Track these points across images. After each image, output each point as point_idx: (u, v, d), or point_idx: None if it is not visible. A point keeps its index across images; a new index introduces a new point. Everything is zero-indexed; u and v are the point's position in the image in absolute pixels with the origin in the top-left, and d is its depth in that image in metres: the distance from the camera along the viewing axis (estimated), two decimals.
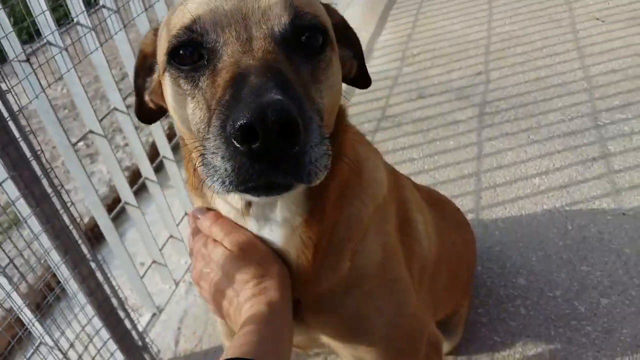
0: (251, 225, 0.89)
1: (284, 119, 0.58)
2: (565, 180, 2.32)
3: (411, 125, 2.85)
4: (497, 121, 2.76)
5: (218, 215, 0.91)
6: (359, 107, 3.04)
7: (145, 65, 0.94)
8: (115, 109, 1.72)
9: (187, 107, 0.76)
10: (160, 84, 0.87)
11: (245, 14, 0.73)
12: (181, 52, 0.75)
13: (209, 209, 0.94)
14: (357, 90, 3.16)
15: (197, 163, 0.68)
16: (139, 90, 0.97)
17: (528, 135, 2.63)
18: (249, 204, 0.86)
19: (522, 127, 2.69)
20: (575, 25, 3.51)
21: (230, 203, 0.89)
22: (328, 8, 0.90)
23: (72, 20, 1.52)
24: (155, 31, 0.91)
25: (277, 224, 0.86)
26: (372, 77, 1.03)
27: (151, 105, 0.97)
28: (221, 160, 0.62)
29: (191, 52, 0.75)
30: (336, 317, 0.98)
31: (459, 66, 3.30)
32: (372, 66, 3.45)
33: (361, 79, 1.01)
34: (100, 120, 1.62)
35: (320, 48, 0.77)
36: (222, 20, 0.73)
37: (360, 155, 0.99)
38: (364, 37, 3.82)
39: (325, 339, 1.04)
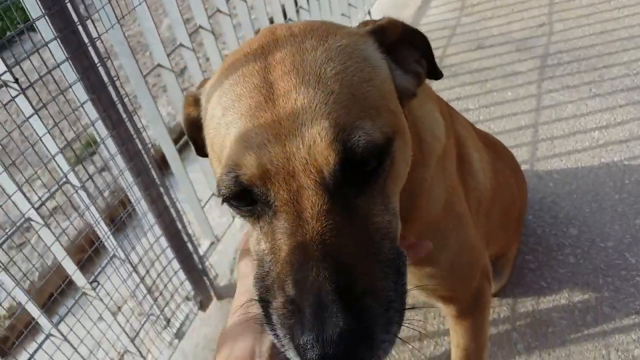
0: None
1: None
2: (626, 134, 2.27)
3: (468, 76, 2.82)
4: (559, 74, 2.69)
5: None
6: None
7: (193, 125, 0.90)
8: (181, 44, 1.79)
9: (251, 231, 0.77)
10: None
11: (290, 155, 0.66)
12: (232, 196, 0.72)
13: None
14: None
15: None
16: (195, 141, 0.94)
17: (590, 88, 2.56)
18: None
19: (584, 80, 2.61)
20: None
21: None
22: (384, 29, 0.81)
23: None
24: (194, 100, 0.88)
25: None
26: (430, 27, 1.00)
27: None
28: (293, 354, 0.64)
29: (244, 196, 0.71)
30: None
31: (521, 17, 3.20)
32: (430, 16, 3.39)
33: (431, 74, 0.91)
34: (169, 55, 1.70)
35: (377, 165, 0.70)
36: (269, 169, 0.67)
37: (418, 114, 0.97)
38: None
39: None
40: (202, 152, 0.96)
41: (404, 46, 0.84)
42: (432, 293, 1.16)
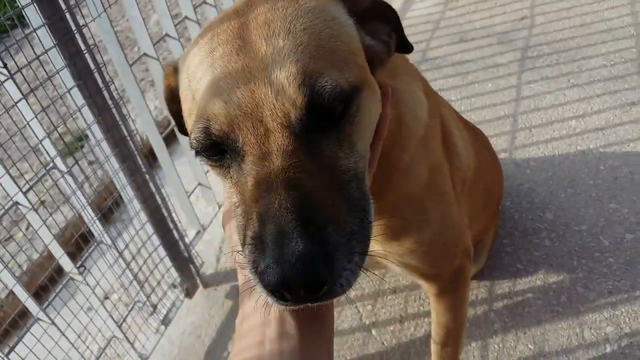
0: None
1: (308, 282, 0.61)
2: (602, 123, 2.33)
3: (451, 68, 2.87)
4: (538, 65, 2.76)
5: None
6: None
7: (173, 96, 0.92)
8: (167, 35, 1.83)
9: (224, 184, 0.79)
10: None
11: (257, 100, 0.69)
12: (203, 149, 0.75)
13: None
14: None
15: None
16: (175, 116, 0.97)
17: (568, 79, 2.62)
18: None
19: (563, 72, 2.68)
20: None
21: None
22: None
23: None
24: (173, 69, 0.90)
25: None
26: (415, 20, 1.03)
27: None
28: (259, 286, 0.66)
29: (214, 147, 0.74)
30: (386, 232, 1.05)
31: (503, 11, 3.26)
32: (415, 10, 3.45)
33: (402, 47, 0.94)
34: (155, 44, 1.73)
35: (344, 110, 0.73)
36: (238, 117, 0.70)
37: (400, 93, 0.99)
38: None
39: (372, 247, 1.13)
40: (183, 128, 0.98)
41: (375, 19, 0.87)
42: (414, 270, 1.19)
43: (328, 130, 0.72)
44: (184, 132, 0.99)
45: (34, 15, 1.26)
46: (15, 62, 1.28)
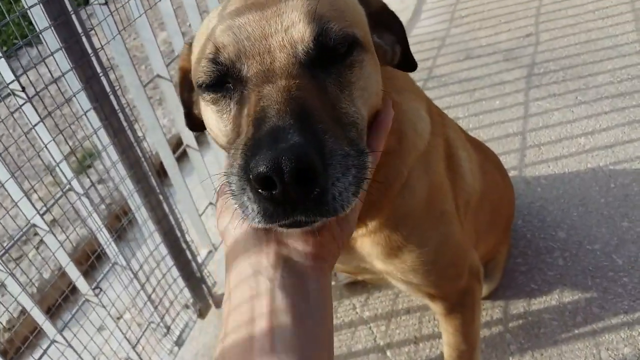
0: None
1: (300, 167, 0.57)
2: (611, 140, 2.34)
3: (457, 85, 2.88)
4: (545, 82, 2.77)
5: None
6: None
7: (186, 80, 0.95)
8: (179, 55, 1.83)
9: (220, 125, 0.79)
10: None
11: (268, 33, 0.72)
12: (209, 81, 0.76)
13: None
14: None
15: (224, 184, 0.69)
16: (185, 103, 0.99)
17: (576, 96, 2.63)
18: None
19: (570, 88, 2.69)
20: None
21: None
22: None
23: None
24: (189, 46, 0.92)
25: None
26: (420, 38, 1.05)
27: (200, 117, 0.98)
28: (247, 200, 0.63)
29: (220, 80, 0.76)
30: (386, 248, 1.06)
31: (508, 28, 3.28)
32: (420, 27, 3.47)
33: (406, 63, 0.98)
34: (168, 65, 1.74)
35: (346, 53, 0.75)
36: (246, 47, 0.72)
37: (403, 108, 1.01)
38: None
39: (375, 265, 1.14)
40: (192, 121, 1.02)
41: (383, 26, 0.90)
42: (418, 289, 1.19)
43: (331, 72, 0.74)
44: (192, 124, 1.03)
45: (50, 38, 1.26)
46: (31, 82, 1.28)
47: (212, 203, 2.13)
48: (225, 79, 0.75)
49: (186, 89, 0.97)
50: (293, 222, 0.64)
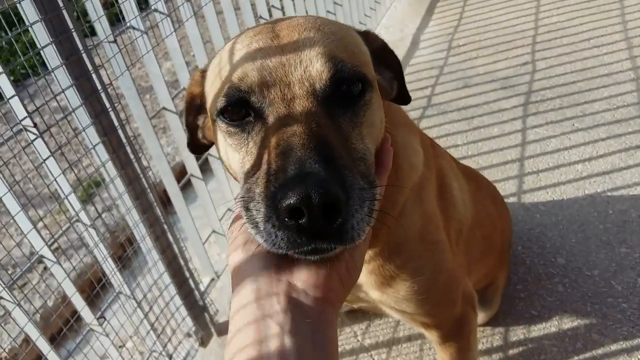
0: None
1: (327, 201, 0.62)
2: (608, 166, 2.37)
3: (456, 113, 2.94)
4: (542, 109, 2.82)
5: None
6: None
7: (193, 105, 0.99)
8: (184, 88, 1.89)
9: (236, 156, 0.82)
10: (210, 125, 0.93)
11: (288, 70, 0.77)
12: (230, 109, 0.80)
13: None
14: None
15: (241, 211, 0.72)
16: (190, 126, 1.03)
17: (572, 123, 2.68)
18: None
19: (566, 116, 2.74)
20: (625, 16, 3.51)
21: None
22: (368, 35, 0.96)
23: (151, 7, 1.69)
24: (202, 73, 0.96)
25: None
26: (419, 67, 1.11)
27: (204, 141, 1.05)
28: (272, 228, 0.66)
29: (239, 109, 0.79)
30: (379, 277, 1.10)
31: (505, 56, 3.35)
32: (419, 56, 3.54)
33: (402, 97, 1.05)
34: (173, 98, 1.79)
35: (359, 94, 0.81)
36: (268, 79, 0.77)
37: (398, 142, 1.05)
38: (410, 28, 3.91)
39: (369, 294, 1.16)
40: (194, 144, 1.06)
41: (381, 64, 0.97)
42: (412, 318, 1.22)
43: (345, 111, 0.79)
44: (194, 147, 1.07)
45: (62, 76, 1.32)
46: (41, 115, 1.33)
47: (215, 231, 2.16)
48: (245, 109, 0.79)
49: (192, 113, 1.01)
50: (313, 249, 0.68)
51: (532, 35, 3.53)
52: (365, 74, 0.82)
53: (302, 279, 0.69)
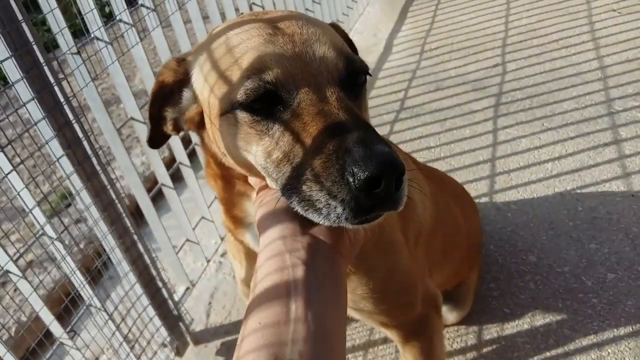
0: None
1: (400, 171, 0.71)
2: (577, 164, 2.42)
3: (429, 116, 2.97)
4: (513, 110, 2.86)
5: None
6: (378, 99, 3.17)
7: (161, 94, 0.96)
8: None
9: (259, 145, 0.82)
10: (200, 115, 0.93)
11: (305, 60, 0.81)
12: (254, 101, 0.81)
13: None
14: (377, 83, 3.30)
15: (286, 197, 0.79)
16: (153, 118, 0.98)
17: (542, 123, 2.73)
18: None
19: (536, 116, 2.78)
20: (592, 17, 3.58)
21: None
22: (335, 26, 1.02)
23: (115, 18, 1.69)
24: (178, 61, 0.95)
25: None
26: (392, 71, 1.16)
27: (172, 133, 1.01)
28: (339, 203, 0.71)
29: (264, 100, 0.81)
30: None
31: (476, 59, 3.40)
32: (392, 60, 3.57)
33: None
34: (141, 108, 1.79)
35: (363, 84, 0.88)
36: (290, 70, 0.79)
37: None
38: (383, 33, 3.95)
39: None
40: (155, 138, 1.02)
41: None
42: (371, 317, 1.22)
43: (354, 97, 0.86)
44: (153, 141, 1.04)
45: (23, 90, 1.31)
46: (3, 132, 1.32)
47: (189, 240, 2.15)
48: (270, 99, 0.81)
49: (158, 103, 0.97)
50: (370, 218, 0.75)
51: (503, 37, 3.58)
52: (368, 67, 0.89)
53: (322, 232, 0.79)
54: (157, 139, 1.04)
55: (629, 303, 1.82)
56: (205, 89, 0.89)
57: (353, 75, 0.85)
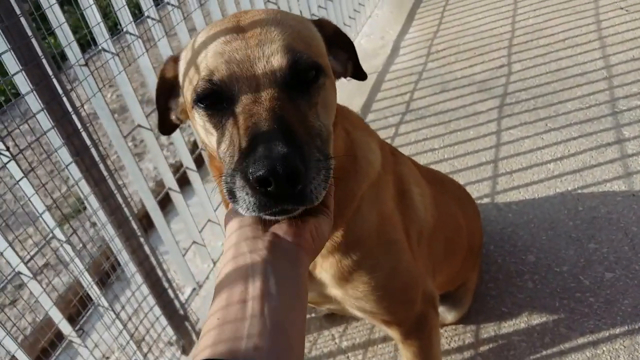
0: None
1: (290, 172, 0.76)
2: (579, 164, 2.43)
3: (433, 118, 3.00)
4: (517, 111, 2.88)
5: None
6: (384, 102, 3.21)
7: (165, 87, 1.10)
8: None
9: (213, 137, 0.93)
10: (185, 107, 1.05)
11: (252, 62, 0.89)
12: (204, 98, 0.92)
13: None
14: (384, 86, 3.35)
15: (221, 186, 0.86)
16: (160, 108, 1.14)
17: (546, 123, 2.74)
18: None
19: (540, 116, 2.80)
20: (599, 15, 3.57)
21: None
22: (322, 23, 1.08)
23: (122, 30, 1.76)
24: (174, 59, 1.07)
25: None
26: (398, 73, 1.20)
27: (177, 122, 1.17)
28: (246, 195, 0.80)
29: (213, 98, 0.91)
30: (337, 272, 1.17)
31: (482, 60, 3.42)
32: (399, 63, 3.61)
33: (358, 74, 1.17)
34: (147, 116, 1.86)
35: (313, 79, 0.93)
36: (236, 71, 0.88)
37: (356, 140, 1.17)
38: (391, 35, 3.99)
39: (330, 291, 1.23)
40: (164, 125, 1.17)
41: (337, 46, 1.10)
42: (372, 315, 1.28)
43: (302, 94, 0.91)
44: (163, 128, 1.18)
45: (32, 101, 1.38)
46: (14, 141, 1.40)
47: (195, 242, 2.22)
48: (218, 97, 0.90)
49: (163, 96, 1.11)
50: (281, 210, 0.82)
51: (509, 38, 3.60)
52: (318, 62, 0.94)
53: (283, 229, 0.85)
54: (166, 127, 1.18)
55: (625, 302, 1.84)
56: (184, 85, 1.01)
57: (300, 73, 0.90)
